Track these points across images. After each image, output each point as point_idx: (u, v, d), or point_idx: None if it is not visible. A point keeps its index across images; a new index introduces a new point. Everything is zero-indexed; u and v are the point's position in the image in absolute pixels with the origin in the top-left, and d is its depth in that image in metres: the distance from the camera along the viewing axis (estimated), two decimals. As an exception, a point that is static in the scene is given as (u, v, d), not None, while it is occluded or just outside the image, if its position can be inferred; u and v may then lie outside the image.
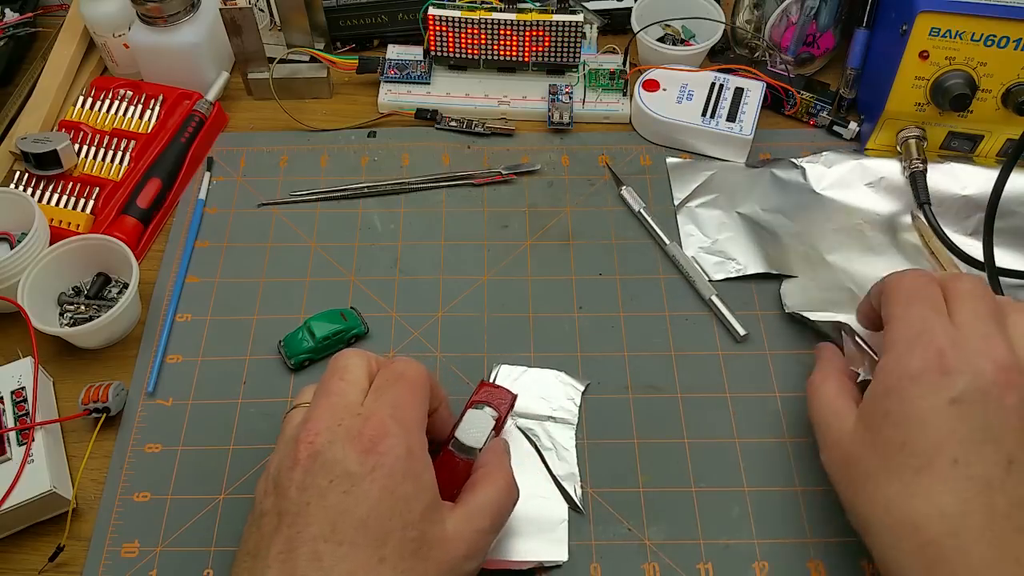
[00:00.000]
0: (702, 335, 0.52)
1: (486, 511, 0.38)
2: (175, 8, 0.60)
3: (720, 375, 0.50)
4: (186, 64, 0.62)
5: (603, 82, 0.64)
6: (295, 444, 0.36)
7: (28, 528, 0.45)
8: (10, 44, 0.68)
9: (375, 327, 0.52)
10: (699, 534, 0.44)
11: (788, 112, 0.63)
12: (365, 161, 0.61)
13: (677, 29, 0.67)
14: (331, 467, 0.35)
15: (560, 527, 0.44)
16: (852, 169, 0.59)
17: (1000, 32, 0.51)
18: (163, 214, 0.58)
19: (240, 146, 0.63)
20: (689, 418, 0.48)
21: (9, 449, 0.44)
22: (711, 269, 0.54)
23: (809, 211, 0.57)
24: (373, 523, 0.34)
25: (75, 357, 0.52)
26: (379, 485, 0.35)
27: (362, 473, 0.35)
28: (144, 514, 0.45)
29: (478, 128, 0.63)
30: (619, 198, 0.58)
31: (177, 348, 0.52)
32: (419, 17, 0.64)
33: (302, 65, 0.65)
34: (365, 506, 0.34)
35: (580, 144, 0.62)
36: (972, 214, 0.56)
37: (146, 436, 0.48)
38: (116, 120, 0.61)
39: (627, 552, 0.44)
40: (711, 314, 0.52)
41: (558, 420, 0.48)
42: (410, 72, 0.65)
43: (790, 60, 0.63)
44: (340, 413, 0.37)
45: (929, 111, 0.56)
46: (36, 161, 0.57)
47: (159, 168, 0.59)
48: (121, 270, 0.53)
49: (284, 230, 0.57)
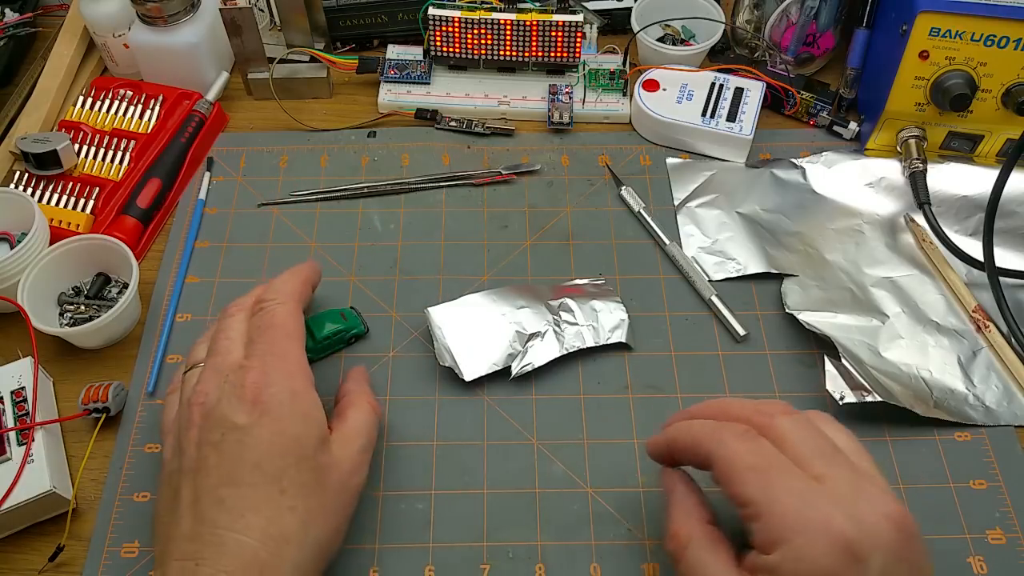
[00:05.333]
0: (702, 335, 0.52)
1: (361, 432, 0.42)
2: (175, 8, 0.60)
3: (720, 375, 0.50)
4: (186, 64, 0.62)
5: (603, 82, 0.64)
6: (189, 407, 0.40)
7: (28, 528, 0.45)
8: (10, 44, 0.68)
9: (375, 327, 0.52)
10: (699, 534, 0.44)
11: (788, 112, 0.63)
12: (365, 161, 0.62)
13: (677, 29, 0.67)
14: (221, 422, 0.38)
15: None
16: (852, 169, 0.59)
17: (1000, 32, 0.51)
18: (163, 214, 0.58)
19: (240, 146, 0.63)
20: (689, 418, 0.48)
21: (9, 449, 0.44)
22: (711, 269, 0.54)
23: (809, 211, 0.57)
24: (267, 463, 0.37)
25: (75, 357, 0.52)
26: (268, 430, 0.38)
27: (250, 423, 0.38)
28: (144, 514, 0.45)
29: (478, 128, 0.63)
30: (619, 198, 0.58)
31: (177, 348, 0.52)
32: (419, 17, 0.64)
33: (302, 65, 0.65)
34: (258, 450, 0.38)
35: (580, 144, 0.62)
36: (972, 214, 0.56)
37: (146, 436, 0.48)
38: (116, 120, 0.61)
39: (627, 552, 0.44)
40: (711, 314, 0.52)
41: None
42: (410, 72, 0.65)
43: (790, 60, 0.64)
44: (224, 371, 0.40)
45: (929, 111, 0.56)
46: (36, 161, 0.57)
47: (159, 168, 0.59)
48: (121, 270, 0.53)
49: (284, 230, 0.57)
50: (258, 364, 0.40)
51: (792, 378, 0.50)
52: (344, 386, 0.46)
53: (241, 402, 0.38)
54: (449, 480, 0.46)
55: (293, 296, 0.44)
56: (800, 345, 0.51)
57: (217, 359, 0.41)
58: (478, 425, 0.48)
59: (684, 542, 0.37)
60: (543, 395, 0.49)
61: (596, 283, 0.53)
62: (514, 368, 0.49)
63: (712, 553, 0.36)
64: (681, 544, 0.37)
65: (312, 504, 0.38)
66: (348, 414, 0.43)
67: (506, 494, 0.46)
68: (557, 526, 0.44)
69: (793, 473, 0.34)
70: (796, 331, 0.51)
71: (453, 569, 0.43)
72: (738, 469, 0.35)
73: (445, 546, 0.44)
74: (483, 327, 0.50)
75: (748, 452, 0.35)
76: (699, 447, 0.37)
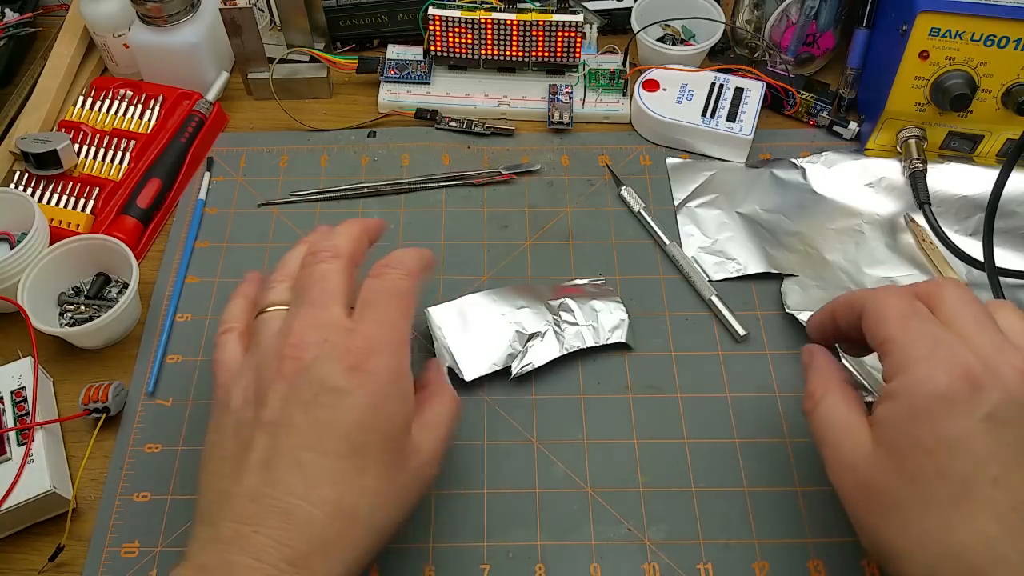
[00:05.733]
0: (702, 335, 0.52)
1: (442, 422, 0.40)
2: (175, 8, 0.60)
3: (720, 375, 0.50)
4: (186, 64, 0.62)
5: (603, 82, 0.64)
6: (279, 359, 0.36)
7: (28, 528, 0.45)
8: (10, 44, 0.68)
9: (375, 327, 0.52)
10: (699, 534, 0.44)
11: (788, 112, 0.63)
12: (365, 161, 0.62)
13: (677, 29, 0.67)
14: (317, 383, 0.35)
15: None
16: (852, 169, 0.59)
17: (1000, 32, 0.51)
18: (163, 214, 0.58)
19: (240, 146, 0.63)
20: (689, 418, 0.48)
21: (9, 449, 0.44)
22: (711, 269, 0.54)
23: (809, 211, 0.57)
24: (356, 435, 0.35)
25: (75, 357, 0.52)
26: (365, 401, 0.35)
27: (348, 388, 0.35)
28: (144, 514, 0.45)
29: (478, 128, 0.63)
30: (619, 198, 0.58)
31: (177, 348, 0.52)
32: (419, 17, 0.64)
33: (302, 65, 0.65)
34: (349, 420, 0.35)
35: (580, 144, 0.62)
36: (972, 214, 0.56)
37: (146, 436, 0.48)
38: (116, 120, 0.61)
39: (627, 552, 0.44)
40: (711, 314, 0.52)
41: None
42: (410, 72, 0.65)
43: (790, 60, 0.63)
44: (325, 329, 0.37)
45: (929, 111, 0.56)
46: (36, 161, 0.57)
47: (159, 168, 0.59)
48: (121, 270, 0.53)
49: (284, 230, 0.57)
50: (369, 330, 0.37)
51: (792, 378, 0.50)
52: (424, 375, 0.43)
53: (342, 365, 0.35)
54: (449, 480, 0.46)
55: (417, 275, 0.41)
56: (800, 345, 0.51)
57: (314, 311, 0.37)
58: (478, 425, 0.48)
59: (818, 398, 0.39)
60: (543, 395, 0.49)
61: (596, 283, 0.53)
62: (514, 368, 0.49)
63: (844, 404, 0.38)
64: (815, 401, 0.39)
65: (386, 488, 0.36)
66: (431, 403, 0.41)
67: (506, 494, 0.46)
68: (557, 526, 0.44)
69: (937, 324, 0.35)
70: (796, 331, 0.51)
71: (453, 569, 0.43)
72: (884, 315, 0.36)
73: (445, 546, 0.44)
74: (483, 327, 0.50)
75: (899, 303, 0.36)
76: (855, 303, 0.39)
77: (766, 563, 0.43)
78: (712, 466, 0.46)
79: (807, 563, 0.43)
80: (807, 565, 0.43)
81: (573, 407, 0.49)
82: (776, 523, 0.44)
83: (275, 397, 0.36)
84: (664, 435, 0.48)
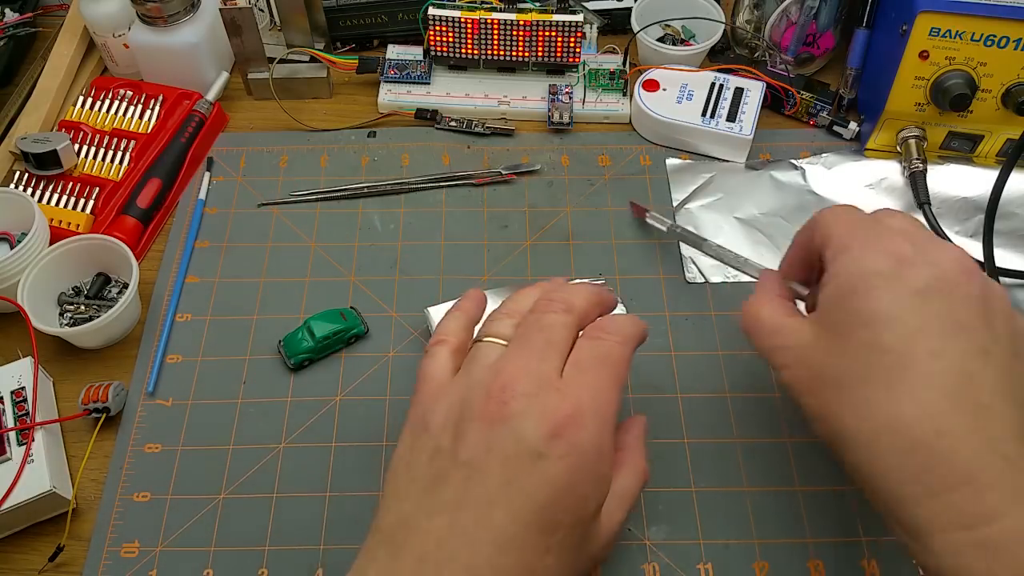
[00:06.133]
0: (702, 335, 0.52)
1: (628, 500, 0.38)
2: (175, 8, 0.60)
3: (720, 375, 0.50)
4: (186, 64, 0.62)
5: (603, 82, 0.64)
6: (486, 397, 0.35)
7: (28, 528, 0.45)
8: (10, 44, 0.68)
9: (375, 327, 0.52)
10: (699, 534, 0.44)
11: (788, 112, 0.63)
12: (365, 161, 0.62)
13: (677, 29, 0.67)
14: (517, 438, 0.33)
15: None
16: (852, 170, 0.59)
17: (1000, 32, 0.51)
18: (163, 214, 0.58)
19: (240, 146, 0.63)
20: (689, 418, 0.48)
21: (9, 449, 0.44)
22: (708, 271, 0.54)
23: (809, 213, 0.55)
24: (548, 511, 0.33)
25: (75, 357, 0.52)
26: (564, 476, 0.33)
27: (548, 456, 0.33)
28: (144, 514, 0.45)
29: (478, 128, 0.63)
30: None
31: (177, 348, 0.52)
32: (419, 17, 0.64)
33: (302, 65, 0.65)
34: (544, 493, 0.33)
35: (580, 144, 0.62)
36: (972, 215, 0.56)
37: (146, 436, 0.48)
38: (116, 120, 0.61)
39: (627, 552, 0.44)
40: (711, 314, 0.52)
41: None
42: (410, 72, 0.65)
43: (790, 60, 0.63)
44: (537, 381, 0.35)
45: (929, 111, 0.56)
46: (36, 161, 0.57)
47: (159, 168, 0.59)
48: (121, 270, 0.53)
49: (284, 230, 0.57)
50: (578, 395, 0.35)
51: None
52: (621, 436, 0.40)
53: (545, 428, 0.33)
54: (449, 480, 0.46)
55: (634, 344, 0.39)
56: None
57: (532, 359, 0.36)
58: (478, 425, 0.48)
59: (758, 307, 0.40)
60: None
61: (596, 283, 0.53)
62: None
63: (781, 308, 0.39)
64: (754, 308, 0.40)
65: (565, 571, 0.34)
66: (622, 471, 0.38)
67: (506, 494, 0.45)
68: (557, 526, 0.44)
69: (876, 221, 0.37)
70: (796, 331, 0.52)
71: (453, 569, 0.43)
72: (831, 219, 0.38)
73: (445, 546, 0.44)
74: None
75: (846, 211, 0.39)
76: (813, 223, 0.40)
77: (766, 563, 0.43)
78: (712, 466, 0.46)
79: (807, 563, 0.43)
80: (807, 565, 0.43)
81: (573, 407, 0.49)
82: (776, 523, 0.44)
83: (475, 437, 0.34)
84: (664, 435, 0.48)
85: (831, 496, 0.45)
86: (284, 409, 0.49)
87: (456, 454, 0.34)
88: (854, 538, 0.44)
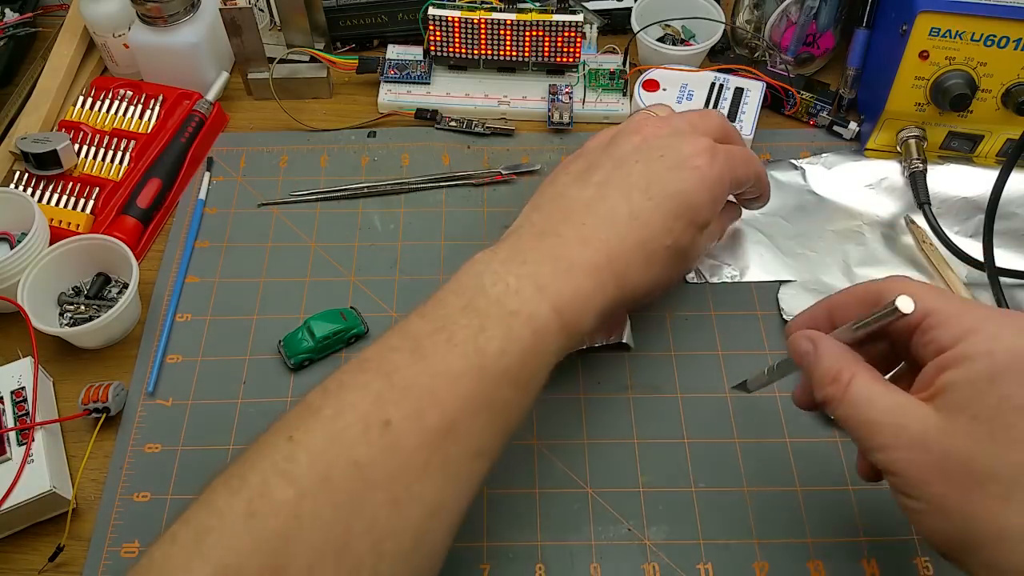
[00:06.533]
0: (702, 335, 0.52)
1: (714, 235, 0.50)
2: (175, 8, 0.60)
3: (720, 375, 0.50)
4: (186, 64, 0.63)
5: (603, 82, 0.64)
6: (641, 124, 0.45)
7: (28, 528, 0.45)
8: (10, 44, 0.68)
9: (375, 327, 0.52)
10: (699, 534, 0.44)
11: (788, 112, 0.63)
12: (365, 161, 0.62)
13: (677, 29, 0.67)
14: (662, 153, 0.43)
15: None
16: (852, 170, 0.59)
17: (1000, 32, 0.51)
18: (163, 214, 0.58)
19: (240, 146, 0.63)
20: (689, 418, 0.48)
21: (9, 449, 0.44)
22: (707, 271, 0.54)
23: (808, 213, 0.57)
24: (675, 204, 0.42)
25: (75, 357, 0.52)
26: (693, 183, 0.42)
27: (683, 168, 0.43)
28: (144, 514, 0.45)
29: (478, 128, 0.63)
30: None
31: (177, 348, 0.52)
32: (419, 17, 0.64)
33: (302, 65, 0.65)
34: (676, 188, 0.42)
35: (580, 144, 0.61)
36: (972, 215, 0.56)
37: (146, 436, 0.48)
38: (116, 120, 0.61)
39: (627, 552, 0.44)
40: (711, 314, 0.52)
41: None
42: (410, 72, 0.65)
43: (790, 60, 0.63)
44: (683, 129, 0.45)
45: (929, 111, 0.56)
46: (36, 161, 0.57)
47: (159, 168, 0.59)
48: (121, 270, 0.53)
49: (284, 230, 0.57)
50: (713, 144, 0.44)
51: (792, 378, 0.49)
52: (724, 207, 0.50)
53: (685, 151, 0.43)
54: (449, 480, 0.46)
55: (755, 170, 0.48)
56: (800, 345, 0.51)
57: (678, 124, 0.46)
58: (478, 425, 0.48)
59: (847, 379, 0.34)
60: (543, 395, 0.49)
61: None
62: None
63: (879, 381, 0.34)
64: (844, 383, 0.34)
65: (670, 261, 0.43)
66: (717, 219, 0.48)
67: (506, 494, 0.46)
68: (557, 526, 0.44)
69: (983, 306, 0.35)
70: (796, 331, 0.52)
71: (453, 569, 0.43)
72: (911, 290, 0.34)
73: (445, 546, 0.44)
74: None
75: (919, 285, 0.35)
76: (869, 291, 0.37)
77: (766, 563, 0.43)
78: (712, 466, 0.46)
79: (807, 563, 0.43)
80: (807, 565, 0.43)
81: (573, 407, 0.49)
82: (776, 523, 0.44)
83: (627, 143, 0.44)
84: (664, 435, 0.48)
85: (831, 496, 0.45)
86: (284, 409, 0.48)
87: (608, 152, 0.45)
88: (854, 538, 0.44)
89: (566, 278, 0.38)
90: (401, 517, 0.32)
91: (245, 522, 0.31)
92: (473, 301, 0.37)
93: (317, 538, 0.31)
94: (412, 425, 0.33)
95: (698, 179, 0.43)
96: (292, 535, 0.30)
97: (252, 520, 0.31)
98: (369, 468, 0.32)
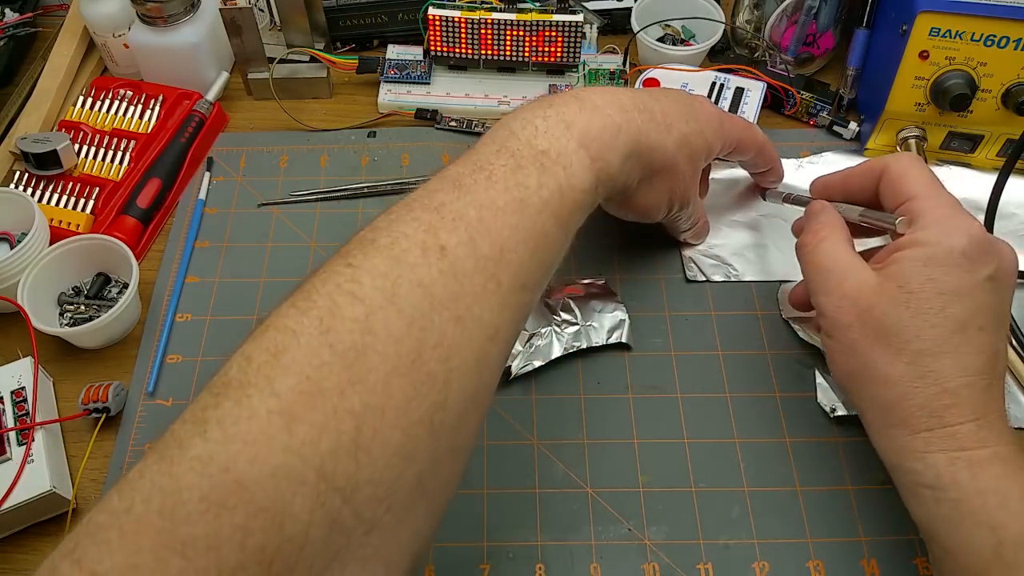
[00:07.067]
0: (702, 335, 0.52)
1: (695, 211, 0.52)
2: (175, 8, 0.60)
3: (720, 375, 0.50)
4: (186, 64, 0.63)
5: (603, 82, 0.64)
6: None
7: (28, 528, 0.45)
8: (10, 44, 0.68)
9: (375, 327, 0.52)
10: (699, 534, 0.44)
11: (788, 112, 0.63)
12: (365, 161, 0.62)
13: (677, 29, 0.67)
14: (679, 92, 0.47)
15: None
16: (852, 169, 0.58)
17: (1000, 32, 0.51)
18: (163, 214, 0.58)
19: (240, 146, 0.63)
20: (689, 418, 0.48)
21: (9, 449, 0.44)
22: (708, 270, 0.54)
23: (809, 211, 0.57)
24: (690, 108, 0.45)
25: (75, 357, 0.52)
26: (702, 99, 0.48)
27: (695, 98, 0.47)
28: (144, 514, 0.45)
29: (478, 128, 0.63)
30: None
31: (177, 348, 0.52)
32: (419, 17, 0.64)
33: (302, 65, 0.65)
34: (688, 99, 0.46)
35: (580, 144, 0.62)
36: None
37: (146, 436, 0.48)
38: (116, 120, 0.61)
39: (627, 552, 0.44)
40: (711, 314, 0.53)
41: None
42: (410, 72, 0.65)
43: (790, 60, 0.63)
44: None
45: (929, 111, 0.56)
46: (36, 161, 0.57)
47: (159, 168, 0.59)
48: (121, 270, 0.53)
49: (284, 230, 0.57)
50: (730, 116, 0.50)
51: (792, 378, 0.50)
52: None
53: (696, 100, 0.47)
54: (449, 480, 0.46)
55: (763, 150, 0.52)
56: (800, 345, 0.51)
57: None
58: (478, 425, 0.48)
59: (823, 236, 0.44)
60: (543, 395, 0.49)
61: (596, 283, 0.53)
62: (514, 368, 0.49)
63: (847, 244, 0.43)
64: (820, 238, 0.44)
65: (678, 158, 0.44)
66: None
67: (506, 494, 0.46)
68: (557, 526, 0.44)
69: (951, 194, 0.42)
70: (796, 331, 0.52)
71: (453, 569, 0.43)
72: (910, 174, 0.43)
73: (445, 546, 0.44)
74: None
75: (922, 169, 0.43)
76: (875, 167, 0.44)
77: (766, 563, 0.43)
78: (712, 466, 0.46)
79: (807, 563, 0.43)
80: (807, 565, 0.43)
81: (573, 407, 0.49)
82: (776, 523, 0.44)
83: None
84: (664, 435, 0.48)
85: (831, 496, 0.45)
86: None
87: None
88: (854, 538, 0.44)
89: (592, 114, 0.40)
90: (466, 335, 0.33)
91: (320, 337, 0.31)
92: (506, 143, 0.38)
93: (391, 351, 0.31)
94: (466, 251, 0.34)
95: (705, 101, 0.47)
96: (368, 348, 0.31)
97: (327, 335, 0.31)
98: (432, 287, 0.33)
